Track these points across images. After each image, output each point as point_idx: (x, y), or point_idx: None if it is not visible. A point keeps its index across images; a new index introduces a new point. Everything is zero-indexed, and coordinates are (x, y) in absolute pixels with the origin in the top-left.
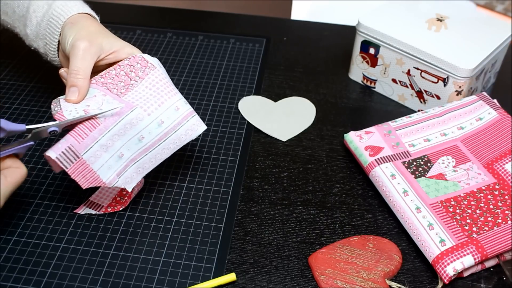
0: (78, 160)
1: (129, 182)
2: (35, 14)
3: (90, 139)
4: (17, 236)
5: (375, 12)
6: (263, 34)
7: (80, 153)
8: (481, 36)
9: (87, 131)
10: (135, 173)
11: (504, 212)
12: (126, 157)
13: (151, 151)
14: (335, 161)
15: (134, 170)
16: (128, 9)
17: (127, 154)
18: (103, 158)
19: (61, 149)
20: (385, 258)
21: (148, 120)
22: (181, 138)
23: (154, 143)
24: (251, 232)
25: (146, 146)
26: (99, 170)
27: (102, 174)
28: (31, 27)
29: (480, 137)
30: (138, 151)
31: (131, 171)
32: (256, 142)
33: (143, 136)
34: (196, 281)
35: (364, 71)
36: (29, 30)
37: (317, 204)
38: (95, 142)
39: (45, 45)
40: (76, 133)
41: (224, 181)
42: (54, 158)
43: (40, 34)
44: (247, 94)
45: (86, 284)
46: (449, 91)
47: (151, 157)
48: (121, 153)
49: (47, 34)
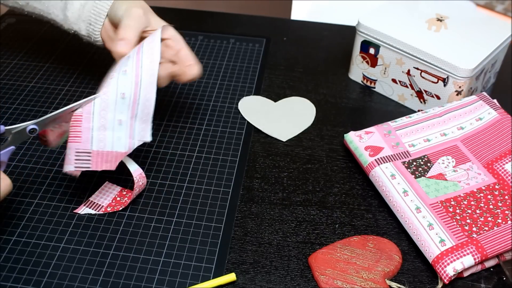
0: (91, 154)
1: (143, 135)
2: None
3: (85, 132)
4: (17, 236)
5: (375, 12)
6: (263, 34)
7: (88, 149)
8: (481, 36)
9: (78, 128)
10: (143, 124)
11: (504, 212)
12: (125, 119)
13: (140, 97)
14: (335, 161)
15: (140, 123)
16: None
17: (123, 116)
18: (108, 136)
19: (73, 158)
20: (385, 258)
21: (114, 81)
22: (150, 58)
23: (135, 88)
24: (251, 232)
25: (131, 97)
26: (113, 147)
27: (118, 148)
28: (72, 10)
29: (480, 137)
30: (129, 107)
31: (138, 126)
32: (256, 142)
33: (122, 93)
34: (196, 281)
35: (364, 71)
36: (70, 13)
37: (317, 204)
38: (91, 130)
39: (89, 25)
40: (72, 136)
41: (224, 181)
42: (73, 169)
43: (83, 16)
44: (247, 94)
45: (86, 284)
46: (449, 91)
47: (144, 101)
48: (118, 120)
49: (92, 15)
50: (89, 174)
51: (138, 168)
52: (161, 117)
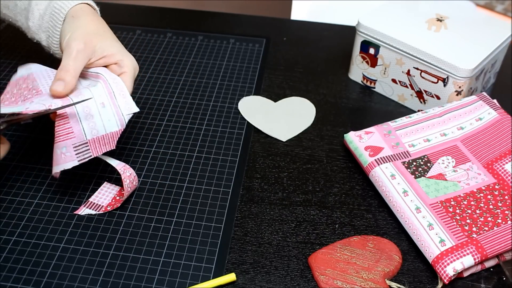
0: (88, 143)
1: (129, 107)
2: (38, 7)
3: (75, 126)
4: (17, 236)
5: (375, 12)
6: (263, 34)
7: (84, 139)
8: (481, 36)
9: (67, 125)
10: (124, 99)
11: (504, 212)
12: (107, 101)
13: (107, 79)
14: (335, 161)
15: (121, 97)
16: (128, 9)
17: (104, 99)
18: (97, 120)
19: (73, 154)
20: (385, 258)
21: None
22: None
23: (103, 81)
24: (251, 232)
25: (103, 84)
26: (106, 129)
27: (111, 128)
28: (33, 20)
29: (480, 137)
30: (106, 89)
31: (121, 101)
32: (256, 142)
33: (96, 82)
34: (196, 281)
35: (364, 71)
36: (31, 23)
37: (317, 204)
38: (80, 122)
39: (48, 37)
40: (64, 134)
41: (224, 181)
42: (78, 162)
43: (43, 27)
44: (247, 94)
45: (86, 284)
46: (449, 91)
47: (112, 81)
48: (100, 103)
49: (50, 26)
50: (89, 174)
51: (119, 162)
52: (161, 117)
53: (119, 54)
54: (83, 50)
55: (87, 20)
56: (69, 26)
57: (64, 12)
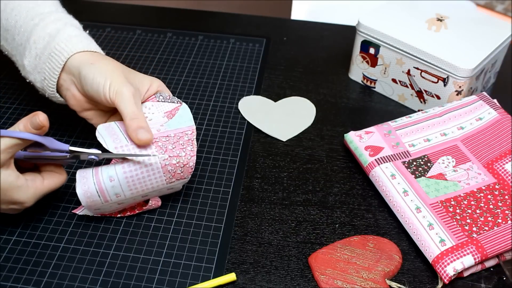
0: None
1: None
2: (36, 46)
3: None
4: (17, 236)
5: (375, 12)
6: (263, 34)
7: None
8: (481, 36)
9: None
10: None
11: (504, 212)
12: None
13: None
14: (335, 161)
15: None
16: (128, 9)
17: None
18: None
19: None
20: (385, 258)
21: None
22: None
23: None
24: (251, 232)
25: None
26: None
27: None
28: (29, 59)
29: (480, 137)
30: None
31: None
32: (256, 142)
33: None
34: (196, 281)
35: (364, 71)
36: (27, 61)
37: (317, 204)
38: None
39: (43, 80)
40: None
41: (224, 181)
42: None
43: (38, 68)
44: (247, 94)
45: (86, 284)
46: (449, 91)
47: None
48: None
49: (46, 68)
50: None
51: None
52: None
53: (154, 81)
54: (135, 93)
55: (111, 65)
56: (92, 70)
57: (66, 56)
